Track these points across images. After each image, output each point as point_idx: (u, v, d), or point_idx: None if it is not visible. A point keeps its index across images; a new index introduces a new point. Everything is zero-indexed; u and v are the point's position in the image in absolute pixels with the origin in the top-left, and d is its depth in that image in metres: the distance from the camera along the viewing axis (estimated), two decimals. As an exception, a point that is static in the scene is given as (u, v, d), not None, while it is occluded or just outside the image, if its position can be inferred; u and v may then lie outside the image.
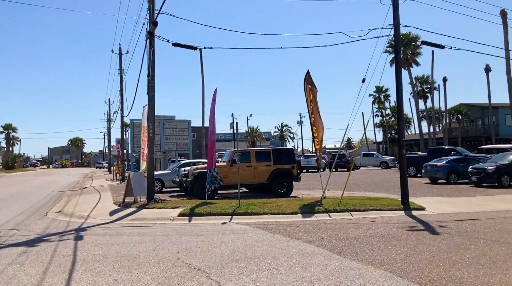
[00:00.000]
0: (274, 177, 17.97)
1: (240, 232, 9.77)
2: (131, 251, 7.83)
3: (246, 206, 13.49)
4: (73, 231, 10.63)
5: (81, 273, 6.31)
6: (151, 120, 15.67)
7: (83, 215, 13.75)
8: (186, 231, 10.12)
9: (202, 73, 39.68)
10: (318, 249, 7.67)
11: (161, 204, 14.94)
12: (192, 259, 7.09)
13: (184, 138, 43.74)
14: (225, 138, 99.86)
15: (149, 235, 9.74)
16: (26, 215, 14.34)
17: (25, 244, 8.73)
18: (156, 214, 13.24)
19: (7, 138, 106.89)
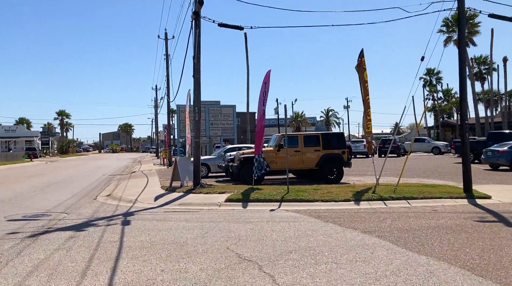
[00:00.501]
0: (323, 162, 17.24)
1: (291, 220, 9.22)
2: (179, 238, 7.48)
3: (295, 193, 12.91)
4: (121, 215, 10.50)
5: (127, 261, 6.00)
6: (197, 104, 15.34)
7: (131, 199, 13.71)
8: (234, 218, 9.70)
9: (246, 57, 39.11)
10: (379, 241, 6.98)
11: (208, 189, 14.66)
12: (242, 248, 6.63)
13: (229, 124, 43.64)
14: (268, 124, 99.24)
15: (196, 221, 9.40)
16: (76, 198, 14.52)
17: (73, 229, 8.62)
18: (202, 199, 12.95)
19: (61, 124, 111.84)
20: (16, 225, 9.14)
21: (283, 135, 17.60)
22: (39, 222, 9.44)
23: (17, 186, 19.15)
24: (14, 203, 13.16)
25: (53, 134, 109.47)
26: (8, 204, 12.79)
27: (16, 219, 9.94)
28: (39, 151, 76.74)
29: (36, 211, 11.38)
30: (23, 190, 17.42)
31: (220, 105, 43.19)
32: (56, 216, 10.47)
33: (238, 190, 13.80)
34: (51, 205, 12.65)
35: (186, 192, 14.55)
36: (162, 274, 5.42)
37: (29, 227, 8.81)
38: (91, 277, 5.29)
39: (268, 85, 14.87)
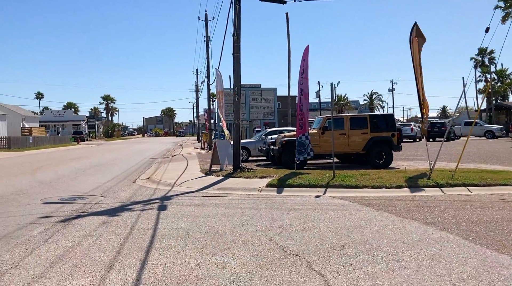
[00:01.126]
0: (371, 145, 16.13)
1: (339, 208, 8.36)
2: (217, 226, 6.83)
3: (342, 178, 11.99)
4: (158, 199, 10.02)
5: (159, 252, 5.40)
6: (236, 83, 14.62)
7: (170, 183, 13.28)
8: (276, 204, 8.96)
9: (288, 38, 37.92)
10: (446, 235, 6.02)
11: (248, 173, 13.99)
12: (286, 240, 5.87)
13: (270, 107, 42.80)
14: (310, 108, 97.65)
15: (236, 207, 8.73)
16: (116, 181, 14.28)
17: (107, 213, 8.18)
18: (242, 183, 12.30)
19: (106, 109, 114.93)
20: (51, 208, 8.82)
21: (328, 117, 16.59)
22: (74, 206, 9.10)
23: (60, 168, 19.30)
24: (54, 185, 13.05)
25: (99, 119, 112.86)
26: (48, 186, 12.67)
27: (52, 202, 9.66)
28: (85, 134, 79.11)
29: (73, 193, 11.13)
30: (65, 172, 17.47)
31: (261, 88, 42.34)
32: (92, 199, 10.13)
33: (279, 175, 13.04)
34: (90, 187, 12.41)
35: (225, 175, 13.97)
36: (197, 268, 4.76)
37: (63, 211, 8.46)
38: (117, 271, 4.71)
39: (306, 62, 13.90)
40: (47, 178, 14.94)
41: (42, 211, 8.46)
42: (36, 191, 11.64)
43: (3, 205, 9.33)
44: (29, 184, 13.20)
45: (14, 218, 7.70)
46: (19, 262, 5.05)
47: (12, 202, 9.74)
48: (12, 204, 9.44)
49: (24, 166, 21.31)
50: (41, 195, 10.78)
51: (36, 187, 12.56)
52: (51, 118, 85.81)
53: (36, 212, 8.37)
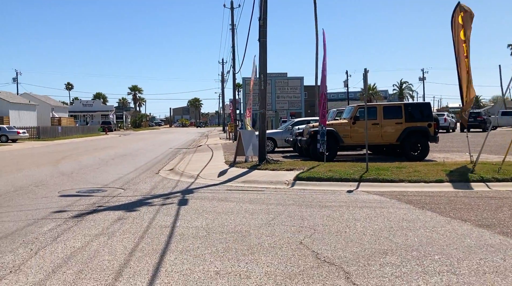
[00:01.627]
0: (406, 136, 15.13)
1: (376, 205, 7.57)
2: (240, 225, 6.18)
3: (376, 171, 11.14)
4: (179, 193, 9.46)
5: (175, 256, 4.78)
6: (262, 71, 13.87)
7: (193, 175, 12.74)
8: (305, 200, 8.24)
9: (316, 25, 36.75)
10: (507, 240, 5.17)
11: (274, 165, 13.29)
12: (319, 244, 5.15)
13: (296, 97, 41.89)
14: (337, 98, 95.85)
15: (262, 202, 8.06)
16: (138, 172, 13.86)
17: (124, 208, 7.66)
18: (268, 176, 11.61)
19: (134, 99, 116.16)
20: (67, 201, 8.38)
21: (360, 106, 15.68)
22: (91, 199, 8.63)
23: (84, 159, 19.11)
24: (75, 176, 12.71)
25: (127, 109, 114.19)
26: (69, 178, 12.32)
27: (70, 195, 9.24)
28: (113, 124, 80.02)
29: (93, 185, 10.72)
30: (89, 162, 17.22)
31: (287, 77, 41.43)
32: (111, 192, 9.67)
33: (308, 167, 12.29)
34: (111, 179, 12.00)
35: (250, 167, 13.32)
36: (217, 278, 4.12)
37: (78, 205, 7.99)
38: (126, 279, 4.12)
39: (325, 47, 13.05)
40: (69, 169, 14.67)
41: (57, 204, 8.02)
42: (55, 182, 11.29)
43: (20, 197, 8.97)
44: (50, 175, 12.91)
45: (27, 213, 7.27)
46: (20, 266, 4.54)
47: (29, 194, 9.37)
48: (28, 196, 9.07)
49: (50, 155, 21.28)
50: (60, 187, 10.40)
51: (56, 178, 12.24)
52: (80, 109, 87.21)
53: (51, 205, 7.93)
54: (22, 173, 13.47)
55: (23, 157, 20.53)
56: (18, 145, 34.44)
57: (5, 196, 9.10)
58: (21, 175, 12.88)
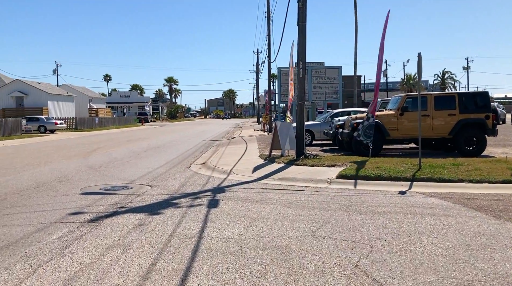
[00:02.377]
0: (460, 129, 13.65)
1: (439, 212, 6.38)
2: (279, 237, 5.18)
3: (430, 169, 9.86)
4: (210, 191, 8.56)
5: (199, 282, 3.84)
6: (301, 58, 12.74)
7: (225, 170, 11.84)
8: (353, 204, 7.14)
9: (355, 12, 35.09)
10: None
11: (313, 160, 12.19)
12: (380, 268, 4.08)
13: (334, 87, 40.31)
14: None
15: (303, 206, 7.03)
16: (169, 166, 13.12)
17: (148, 210, 6.81)
18: (308, 173, 10.54)
19: (170, 90, 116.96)
20: (87, 201, 7.64)
21: (408, 95, 14.32)
22: (114, 198, 7.86)
23: (115, 151, 18.63)
24: (102, 170, 12.08)
25: (163, 100, 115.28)
26: (96, 172, 11.70)
27: (92, 192, 8.52)
28: (149, 115, 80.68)
29: (119, 181, 10.00)
30: (119, 155, 16.68)
31: (324, 66, 39.88)
32: (137, 189, 8.89)
33: (351, 163, 11.13)
34: (139, 174, 11.28)
35: (287, 163, 12.28)
36: (251, 316, 3.14)
37: (98, 205, 7.23)
38: (135, 316, 3.20)
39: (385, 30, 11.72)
40: (98, 162, 14.11)
41: (76, 204, 7.29)
42: (81, 177, 10.66)
43: (39, 194, 8.32)
44: (77, 168, 12.35)
45: (41, 214, 6.56)
46: (11, 289, 3.72)
47: (49, 190, 8.72)
48: (48, 193, 8.41)
49: (82, 147, 21.01)
50: (84, 183, 9.74)
51: (83, 172, 11.65)
52: (118, 100, 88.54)
53: (69, 205, 7.21)
54: (49, 166, 13.00)
55: (56, 149, 20.33)
56: (55, 135, 34.81)
57: (24, 192, 8.48)
58: (47, 168, 12.39)
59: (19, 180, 10.12)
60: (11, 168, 12.41)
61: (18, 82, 48.56)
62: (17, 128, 32.92)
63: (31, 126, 37.84)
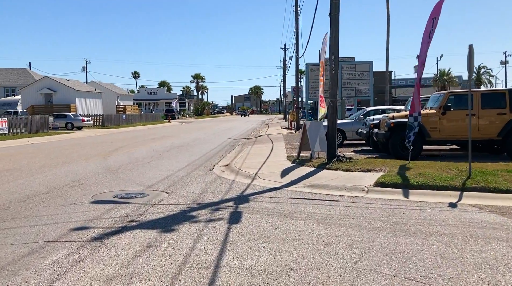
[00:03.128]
0: (511, 130, 12.31)
1: (507, 236, 5.27)
2: (313, 269, 4.23)
3: (482, 176, 8.67)
4: (232, 201, 7.68)
5: None
6: (334, 52, 11.68)
7: (250, 174, 10.93)
8: (397, 220, 6.11)
9: (387, 5, 33.52)
10: None
11: (347, 163, 11.14)
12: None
13: (365, 83, 38.82)
14: (405, 84, 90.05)
15: (339, 222, 6.04)
16: (190, 168, 12.33)
17: (160, 226, 5.97)
18: (341, 179, 9.51)
19: (196, 87, 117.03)
20: (97, 211, 6.88)
21: (451, 93, 13.05)
22: (125, 208, 7.07)
23: (137, 150, 18.03)
24: (120, 173, 11.38)
25: (190, 97, 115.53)
26: (113, 175, 11.01)
27: (103, 201, 7.77)
28: (176, 112, 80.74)
29: (135, 186, 9.25)
30: (141, 155, 16.03)
31: (355, 62, 38.42)
32: (152, 197, 8.09)
33: (389, 168, 10.04)
34: (158, 177, 10.52)
35: (318, 166, 11.27)
36: None
37: (107, 218, 6.44)
38: None
39: (436, 22, 10.49)
40: (117, 163, 13.46)
41: (82, 216, 6.53)
42: (96, 181, 9.97)
43: (46, 203, 7.62)
44: (94, 171, 11.70)
45: (40, 229, 5.81)
46: None
47: (59, 198, 8.02)
48: (56, 201, 7.70)
49: (105, 145, 20.55)
50: (98, 188, 9.02)
51: (99, 175, 10.97)
52: (146, 97, 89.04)
53: (75, 217, 6.45)
54: (66, 168, 12.41)
55: (78, 147, 19.92)
56: (82, 132, 34.79)
57: (31, 200, 7.81)
58: (63, 170, 11.79)
59: (30, 184, 9.50)
60: (27, 170, 11.89)
61: (47, 79, 49.08)
62: (44, 125, 33.01)
63: (58, 123, 38.01)
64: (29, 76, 56.21)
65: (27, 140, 25.35)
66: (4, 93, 54.82)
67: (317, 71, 39.23)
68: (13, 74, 57.36)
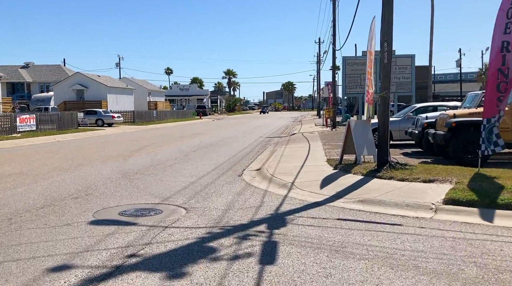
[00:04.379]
0: None
1: None
2: None
3: None
4: (264, 224, 6.04)
5: None
6: (386, 38, 9.83)
7: (285, 182, 9.28)
8: (498, 263, 4.32)
9: (433, -9, 30.93)
10: None
11: (401, 171, 9.28)
12: None
13: (406, 78, 36.42)
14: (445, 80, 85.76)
15: (414, 267, 4.30)
16: (217, 173, 10.81)
17: (167, 266, 4.40)
18: (399, 192, 7.70)
19: (228, 83, 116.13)
20: (92, 237, 5.40)
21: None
22: (129, 234, 5.55)
23: (162, 150, 16.68)
24: (136, 179, 9.96)
25: (223, 93, 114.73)
26: (127, 182, 9.59)
27: (105, 220, 6.29)
28: (208, 109, 79.90)
29: (149, 198, 7.76)
30: (164, 156, 14.64)
31: (395, 55, 35.91)
32: (167, 214, 6.57)
33: (458, 178, 8.13)
34: (178, 186, 9.04)
35: (367, 174, 9.47)
36: None
37: (101, 249, 4.93)
38: None
39: None
40: (137, 166, 12.08)
41: (71, 246, 5.05)
42: (105, 190, 8.55)
43: (36, 222, 6.20)
44: (108, 176, 10.33)
45: (5, 267, 4.36)
46: None
47: (53, 215, 6.60)
48: (48, 220, 6.28)
49: (129, 144, 19.36)
50: (105, 201, 7.58)
51: (112, 181, 9.58)
52: (178, 93, 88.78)
53: (60, 248, 4.98)
54: (78, 172, 11.10)
55: (101, 146, 18.81)
56: (111, 129, 34.05)
57: (18, 218, 6.41)
58: (73, 175, 10.46)
59: (28, 194, 8.17)
60: (34, 174, 10.65)
61: (79, 75, 48.94)
62: (73, 122, 32.43)
63: (88, 119, 37.51)
64: (63, 72, 56.47)
65: (54, 137, 24.62)
66: (39, 90, 55.31)
67: (355, 65, 37.05)
68: (47, 71, 57.82)
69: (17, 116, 26.33)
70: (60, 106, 45.10)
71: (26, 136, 24.56)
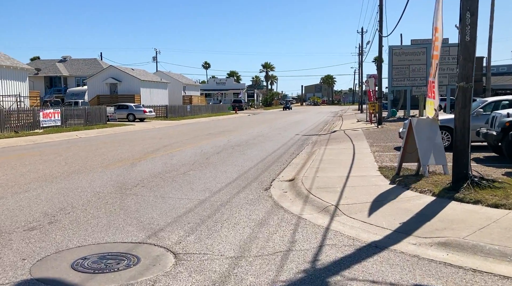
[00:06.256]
0: None
1: None
2: None
3: None
4: None
5: None
6: (470, 7, 7.09)
7: (327, 205, 6.81)
8: None
9: (496, -31, 27.06)
10: None
11: (490, 191, 6.66)
12: None
13: (461, 68, 32.44)
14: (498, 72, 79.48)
15: None
16: (239, 185, 8.52)
17: None
18: (498, 230, 5.10)
19: (266, 77, 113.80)
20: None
21: None
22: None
23: (181, 151, 14.54)
24: (131, 195, 7.78)
25: (260, 87, 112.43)
26: (117, 200, 7.40)
27: (41, 282, 4.06)
28: (244, 103, 77.84)
29: (133, 230, 5.52)
30: (181, 159, 12.45)
31: (448, 44, 32.26)
32: (143, 268, 4.28)
33: None
34: (183, 207, 6.78)
35: (439, 194, 6.90)
36: None
37: None
38: None
39: None
40: (142, 174, 9.92)
41: None
42: (80, 216, 6.36)
43: None
44: (99, 190, 8.19)
45: None
46: None
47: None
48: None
49: (149, 143, 17.38)
50: (70, 235, 5.40)
51: (99, 199, 7.41)
52: (214, 87, 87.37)
53: None
54: (65, 182, 9.05)
55: (115, 145, 16.90)
56: (140, 124, 32.50)
57: None
58: (54, 189, 8.33)
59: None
60: (8, 186, 8.61)
61: (112, 69, 47.97)
62: (102, 116, 31.03)
63: (119, 114, 36.22)
64: (99, 66, 55.92)
65: (76, 133, 23.15)
66: (75, 83, 55.05)
67: (402, 55, 33.57)
68: (84, 64, 57.52)
69: (40, 111, 25.07)
70: (93, 100, 44.28)
71: (49, 132, 23.23)
